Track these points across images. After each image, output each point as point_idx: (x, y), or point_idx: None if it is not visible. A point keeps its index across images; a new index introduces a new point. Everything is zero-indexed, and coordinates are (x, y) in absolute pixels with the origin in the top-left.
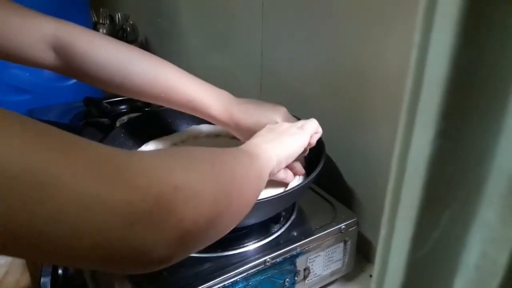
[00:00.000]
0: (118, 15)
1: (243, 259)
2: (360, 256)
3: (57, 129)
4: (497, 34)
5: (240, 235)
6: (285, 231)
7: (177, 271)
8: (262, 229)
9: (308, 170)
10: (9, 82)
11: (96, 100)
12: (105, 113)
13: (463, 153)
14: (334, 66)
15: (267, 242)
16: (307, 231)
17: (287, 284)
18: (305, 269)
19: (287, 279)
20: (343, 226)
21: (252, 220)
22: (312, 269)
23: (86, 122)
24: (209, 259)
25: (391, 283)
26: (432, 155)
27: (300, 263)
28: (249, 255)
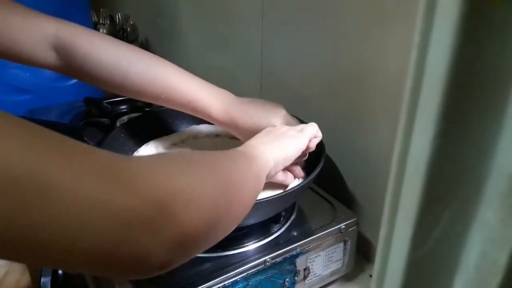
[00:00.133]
0: (118, 15)
1: (243, 259)
2: (360, 256)
3: (57, 133)
4: (497, 34)
5: (240, 235)
6: (285, 231)
7: (177, 271)
8: (262, 229)
9: (308, 170)
10: (9, 82)
11: (96, 100)
12: (105, 113)
13: (463, 153)
14: (334, 66)
15: (267, 242)
16: (307, 231)
17: (287, 284)
18: (305, 269)
19: (287, 279)
20: (343, 226)
21: (252, 220)
22: (312, 269)
23: (86, 122)
24: (209, 259)
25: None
26: (432, 155)
27: (300, 263)
28: (249, 255)
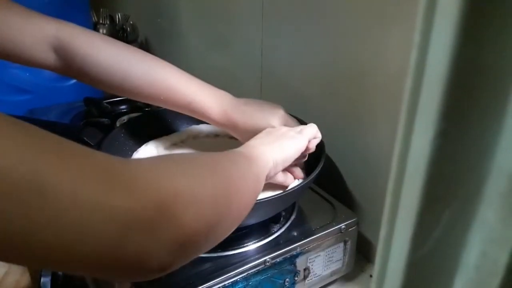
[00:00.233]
0: (118, 15)
1: (243, 259)
2: (360, 256)
3: (55, 135)
4: (497, 34)
5: (240, 235)
6: (285, 231)
7: (177, 271)
8: (262, 229)
9: (308, 170)
10: (9, 82)
11: (96, 100)
12: (105, 113)
13: (463, 153)
14: (334, 66)
15: (267, 242)
16: (307, 231)
17: (287, 284)
18: (305, 269)
19: (287, 279)
20: (343, 226)
21: (252, 220)
22: (312, 269)
23: (86, 122)
24: (209, 259)
25: (391, 283)
26: (432, 155)
27: (300, 263)
28: (249, 255)
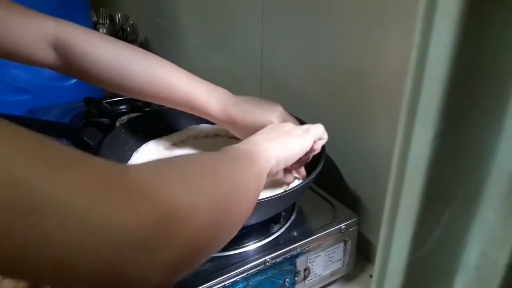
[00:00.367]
0: (118, 15)
1: (243, 259)
2: (360, 256)
3: (50, 142)
4: (497, 34)
5: (240, 235)
6: (285, 231)
7: None
8: (262, 229)
9: (308, 170)
10: (9, 82)
11: (96, 100)
12: (105, 113)
13: (463, 153)
14: (334, 66)
15: (267, 242)
16: (307, 231)
17: (287, 284)
18: (305, 269)
19: (287, 279)
20: (343, 226)
21: (252, 220)
22: (312, 269)
23: (86, 122)
24: (209, 259)
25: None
26: (432, 155)
27: (300, 263)
28: (249, 255)
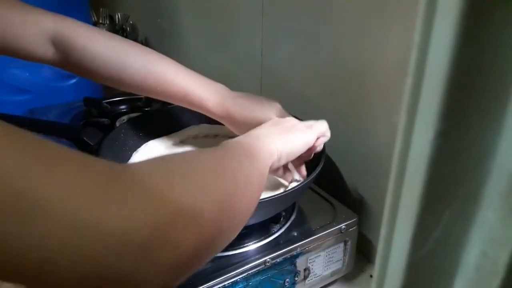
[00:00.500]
0: (118, 15)
1: (243, 259)
2: (360, 256)
3: (47, 142)
4: (497, 34)
5: (240, 235)
6: (285, 231)
7: None
8: (262, 229)
9: (308, 170)
10: (9, 82)
11: (96, 100)
12: (105, 113)
13: (463, 153)
14: (334, 66)
15: (267, 242)
16: (307, 231)
17: (287, 284)
18: (305, 269)
19: (287, 279)
20: (343, 226)
21: (252, 220)
22: (312, 269)
23: (86, 122)
24: None
25: (392, 283)
26: (432, 155)
27: (300, 263)
28: (249, 255)
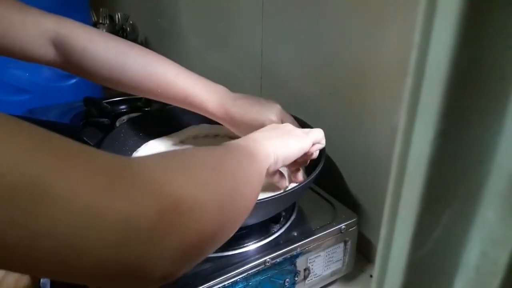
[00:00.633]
0: (118, 15)
1: (243, 259)
2: (360, 256)
3: (57, 135)
4: (497, 34)
5: (240, 235)
6: (285, 231)
7: None
8: (262, 229)
9: (308, 170)
10: (9, 82)
11: (96, 100)
12: (105, 113)
13: (463, 153)
14: (334, 66)
15: (267, 242)
16: (307, 231)
17: (287, 284)
18: (305, 269)
19: (287, 279)
20: (343, 226)
21: (252, 220)
22: (312, 269)
23: (86, 122)
24: (209, 259)
25: (392, 283)
26: (432, 155)
27: (300, 263)
28: (249, 255)
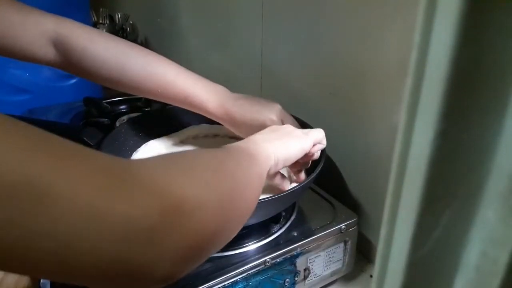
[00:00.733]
0: (118, 15)
1: (243, 259)
2: (360, 256)
3: (56, 136)
4: (497, 33)
5: (240, 235)
6: (285, 231)
7: None
8: (262, 229)
9: (308, 170)
10: (9, 82)
11: (96, 100)
12: (105, 113)
13: (463, 153)
14: (334, 66)
15: (267, 242)
16: (307, 231)
17: (287, 284)
18: (305, 269)
19: (287, 279)
20: (343, 226)
21: (252, 220)
22: (312, 269)
23: (86, 122)
24: (209, 259)
25: (392, 283)
26: (432, 155)
27: (300, 263)
28: (249, 255)
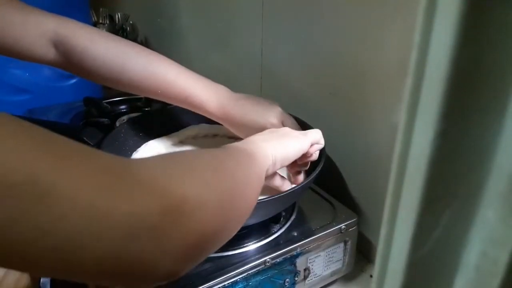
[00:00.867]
0: (118, 15)
1: (243, 259)
2: (360, 256)
3: (56, 134)
4: (497, 33)
5: (240, 235)
6: (285, 231)
7: None
8: (262, 229)
9: (308, 170)
10: (9, 82)
11: (96, 100)
12: (105, 113)
13: (463, 153)
14: (334, 66)
15: (267, 242)
16: (307, 231)
17: (287, 284)
18: (305, 269)
19: (287, 279)
20: (343, 226)
21: (252, 220)
22: (312, 269)
23: (86, 122)
24: (209, 259)
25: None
26: (432, 155)
27: (300, 263)
28: (249, 255)
